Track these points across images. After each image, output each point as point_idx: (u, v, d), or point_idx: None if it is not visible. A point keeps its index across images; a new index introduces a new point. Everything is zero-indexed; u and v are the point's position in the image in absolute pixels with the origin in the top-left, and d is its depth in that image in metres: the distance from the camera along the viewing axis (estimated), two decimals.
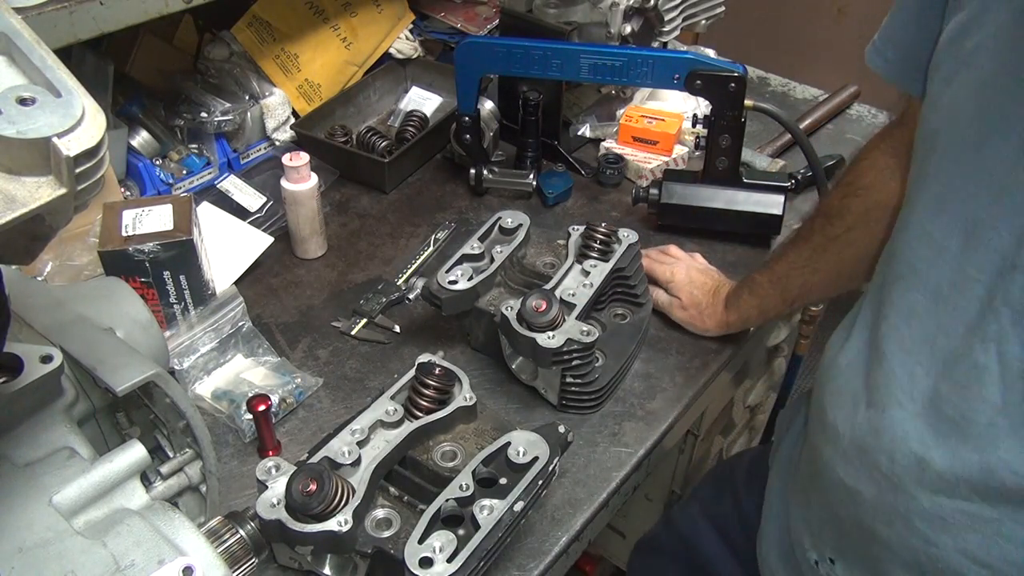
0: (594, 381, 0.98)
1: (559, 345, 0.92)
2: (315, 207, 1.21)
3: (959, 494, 0.62)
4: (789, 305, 1.04)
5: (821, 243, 0.97)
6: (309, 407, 1.02)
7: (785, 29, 2.88)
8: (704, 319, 1.09)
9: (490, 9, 1.68)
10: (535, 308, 0.94)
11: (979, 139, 0.62)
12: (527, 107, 1.35)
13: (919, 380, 0.65)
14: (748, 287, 1.06)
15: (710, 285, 1.10)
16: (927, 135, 0.70)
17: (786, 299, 1.03)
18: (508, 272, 1.06)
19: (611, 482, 0.94)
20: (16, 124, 0.42)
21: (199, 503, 0.76)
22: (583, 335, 0.93)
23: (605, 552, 1.86)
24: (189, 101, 1.33)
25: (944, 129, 0.67)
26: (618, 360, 1.02)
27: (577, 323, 0.95)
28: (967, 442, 0.61)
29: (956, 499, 0.63)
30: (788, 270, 1.01)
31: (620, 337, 1.05)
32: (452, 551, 0.71)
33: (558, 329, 0.94)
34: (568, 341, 0.92)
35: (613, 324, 1.07)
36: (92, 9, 0.97)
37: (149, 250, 0.98)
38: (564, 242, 1.09)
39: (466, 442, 0.85)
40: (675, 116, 1.46)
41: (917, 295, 0.67)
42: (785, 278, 1.01)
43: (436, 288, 1.00)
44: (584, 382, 0.97)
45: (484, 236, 1.08)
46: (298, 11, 1.47)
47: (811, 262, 0.98)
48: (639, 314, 1.08)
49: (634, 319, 1.08)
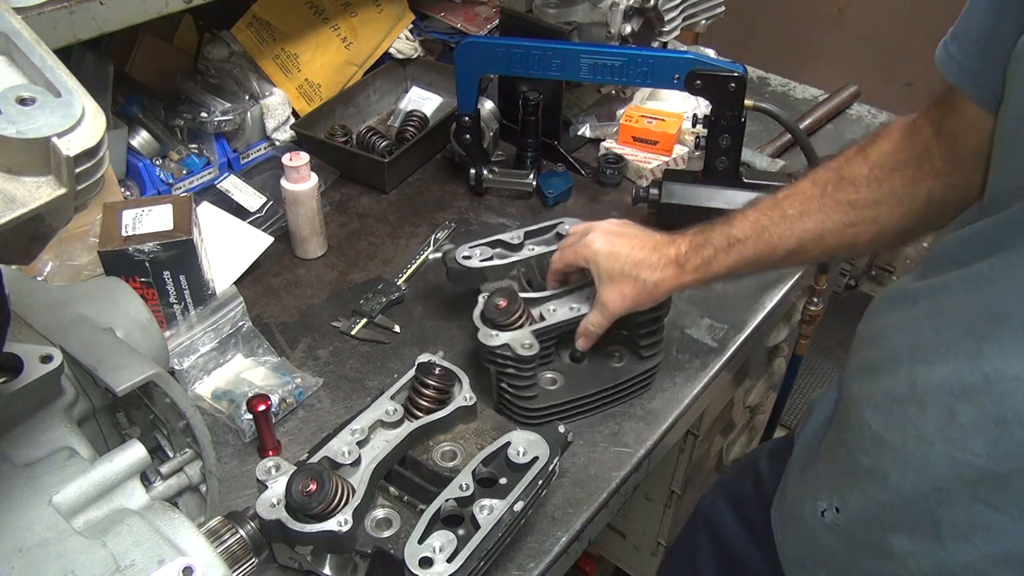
0: (532, 398, 0.96)
1: (494, 345, 0.92)
2: (315, 207, 1.21)
3: (972, 448, 0.63)
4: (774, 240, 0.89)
5: (831, 204, 0.86)
6: (309, 407, 1.02)
7: (785, 29, 2.88)
8: (652, 274, 0.91)
9: (490, 9, 1.68)
10: (496, 304, 0.94)
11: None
12: (527, 107, 1.35)
13: (963, 338, 0.66)
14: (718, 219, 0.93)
15: (638, 238, 0.94)
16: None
17: (772, 257, 0.89)
18: (529, 269, 1.06)
19: (611, 482, 0.94)
20: (16, 124, 0.42)
21: (199, 503, 0.76)
22: (522, 347, 0.92)
23: (605, 552, 1.86)
24: (189, 101, 1.33)
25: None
26: (571, 393, 0.98)
27: (527, 334, 0.93)
28: (990, 396, 0.62)
29: (967, 453, 0.64)
30: (770, 204, 0.90)
31: (588, 377, 1.00)
32: (452, 551, 0.71)
33: (507, 332, 0.93)
34: (504, 346, 0.92)
35: (598, 360, 1.02)
36: (92, 9, 0.97)
37: (149, 250, 0.98)
38: None
39: (466, 442, 0.85)
40: (675, 116, 1.46)
41: (982, 265, 0.66)
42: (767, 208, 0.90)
43: (450, 259, 1.04)
44: (515, 392, 0.95)
45: (533, 233, 1.08)
46: (298, 11, 1.47)
47: (807, 210, 0.87)
48: (631, 365, 1.01)
49: (620, 367, 1.01)
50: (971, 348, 0.65)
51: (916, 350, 0.71)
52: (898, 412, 0.71)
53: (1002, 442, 0.61)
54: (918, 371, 0.70)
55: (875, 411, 0.74)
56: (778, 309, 1.23)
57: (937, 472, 0.66)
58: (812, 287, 1.45)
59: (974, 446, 0.63)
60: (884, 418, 0.73)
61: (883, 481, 0.72)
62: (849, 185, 0.87)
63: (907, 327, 0.74)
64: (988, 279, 0.65)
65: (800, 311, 1.52)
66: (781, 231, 0.89)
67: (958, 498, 0.65)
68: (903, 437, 0.70)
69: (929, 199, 0.83)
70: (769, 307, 1.20)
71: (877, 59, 2.70)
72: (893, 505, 0.71)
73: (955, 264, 0.70)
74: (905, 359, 0.72)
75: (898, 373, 0.72)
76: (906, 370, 0.71)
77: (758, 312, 1.19)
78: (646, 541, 1.71)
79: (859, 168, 0.87)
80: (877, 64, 2.69)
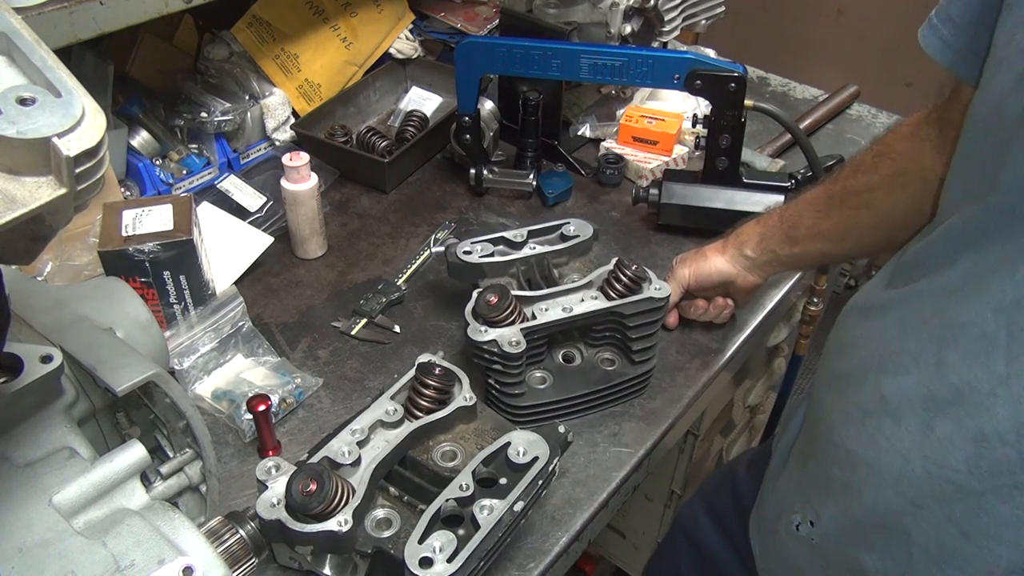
0: (519, 395, 0.96)
1: (482, 341, 0.92)
2: (315, 207, 1.21)
3: (951, 464, 0.62)
4: (792, 245, 1.01)
5: (839, 192, 0.95)
6: (309, 407, 1.02)
7: (785, 29, 2.88)
8: (703, 252, 1.09)
9: (490, 9, 1.68)
10: (487, 300, 0.94)
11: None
12: (527, 107, 1.35)
13: (926, 348, 0.65)
14: (755, 218, 1.06)
15: (699, 249, 1.11)
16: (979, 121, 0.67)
17: (791, 237, 1.00)
18: (529, 268, 1.06)
19: (611, 482, 0.94)
20: (16, 124, 0.42)
21: (199, 503, 0.76)
22: (510, 344, 0.92)
23: (605, 552, 1.86)
24: (189, 101, 1.33)
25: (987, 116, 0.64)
26: (559, 393, 0.98)
27: (516, 331, 0.93)
28: (966, 409, 0.61)
29: (945, 469, 0.63)
30: (801, 208, 1.00)
31: (579, 378, 1.00)
32: (452, 551, 0.71)
33: (496, 328, 0.93)
34: (492, 342, 0.92)
35: (589, 363, 1.02)
36: (92, 9, 0.97)
37: (149, 250, 0.98)
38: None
39: (466, 442, 0.85)
40: (675, 116, 1.46)
41: (950, 272, 0.66)
42: (796, 215, 1.00)
43: (451, 253, 1.05)
44: (501, 389, 0.95)
45: (537, 232, 1.09)
46: (298, 11, 1.47)
47: (825, 207, 0.97)
48: (623, 369, 1.01)
49: (612, 370, 1.01)
50: (932, 358, 0.64)
51: (882, 360, 0.70)
52: (871, 425, 0.69)
53: (982, 458, 0.60)
54: (883, 381, 0.69)
55: (845, 424, 0.73)
56: (778, 309, 1.24)
57: (914, 488, 0.65)
58: (812, 287, 1.45)
59: (953, 462, 0.62)
60: (855, 431, 0.71)
61: (856, 496, 0.71)
62: (853, 171, 0.93)
63: (875, 337, 0.73)
64: (956, 287, 0.64)
65: (800, 311, 1.52)
66: (809, 223, 0.98)
67: (932, 516, 0.64)
68: (876, 451, 0.68)
69: (921, 191, 0.84)
70: (769, 307, 1.20)
71: (877, 59, 2.70)
72: (866, 522, 0.70)
73: (923, 269, 0.70)
74: (872, 369, 0.71)
75: (865, 384, 0.71)
76: (872, 381, 0.70)
77: (758, 312, 1.19)
78: (646, 541, 1.71)
79: (864, 156, 0.93)
80: (877, 64, 2.69)
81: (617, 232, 1.33)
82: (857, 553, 0.72)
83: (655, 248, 1.30)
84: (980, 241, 0.62)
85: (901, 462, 0.66)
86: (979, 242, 0.63)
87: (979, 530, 0.61)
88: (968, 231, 0.64)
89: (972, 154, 0.68)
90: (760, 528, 0.92)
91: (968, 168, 0.69)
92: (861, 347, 0.75)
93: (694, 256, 1.09)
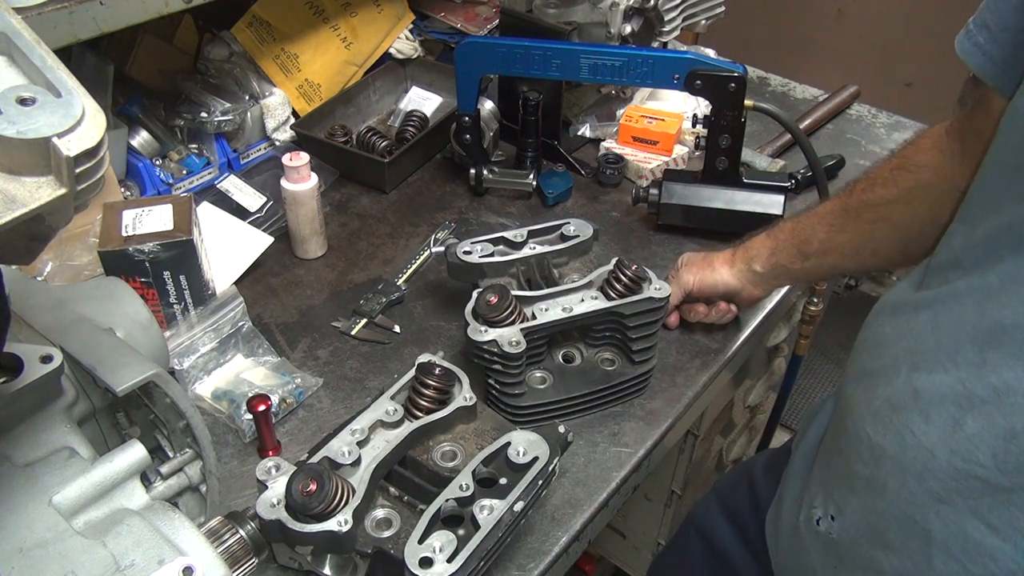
0: (519, 395, 0.96)
1: (481, 341, 0.92)
2: (315, 207, 1.21)
3: (978, 459, 0.63)
4: (804, 260, 1.00)
5: (855, 206, 0.94)
6: (309, 407, 1.02)
7: (785, 29, 2.88)
8: (710, 261, 1.08)
9: (490, 9, 1.68)
10: (487, 300, 0.94)
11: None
12: (527, 107, 1.35)
13: (966, 347, 0.65)
14: (766, 231, 1.04)
15: (707, 256, 1.11)
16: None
17: (803, 252, 0.99)
18: (529, 268, 1.06)
19: (611, 482, 0.94)
20: (16, 124, 0.42)
21: (199, 503, 0.76)
22: (510, 344, 0.92)
23: (605, 552, 1.86)
24: (189, 101, 1.33)
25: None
26: (559, 393, 0.98)
27: (516, 331, 0.93)
28: (1000, 408, 0.62)
29: (972, 464, 0.63)
30: (814, 222, 0.98)
31: (579, 378, 1.00)
32: (452, 551, 0.71)
33: (496, 328, 0.93)
34: (492, 342, 0.92)
35: (589, 363, 1.02)
36: (92, 9, 0.97)
37: (149, 250, 0.98)
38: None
39: (466, 442, 0.85)
40: (675, 116, 1.46)
41: (989, 275, 0.65)
42: (808, 229, 0.99)
43: (451, 252, 1.05)
44: (501, 389, 0.95)
45: (537, 232, 1.09)
46: (298, 11, 1.47)
47: (839, 220, 0.95)
48: (623, 369, 1.01)
49: (612, 371, 1.01)
50: (974, 358, 0.64)
51: (915, 357, 0.70)
52: (897, 420, 0.70)
53: (1011, 454, 0.60)
54: (917, 378, 0.69)
55: (873, 419, 0.73)
56: (778, 309, 1.23)
57: (939, 482, 0.65)
58: (812, 287, 1.45)
59: (980, 457, 0.62)
60: (882, 426, 0.72)
61: (880, 490, 0.71)
62: (870, 184, 0.93)
63: (907, 335, 0.73)
64: (997, 289, 0.64)
65: (800, 311, 1.52)
66: (821, 237, 0.98)
67: (956, 512, 0.64)
68: (902, 445, 0.69)
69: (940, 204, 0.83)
70: (769, 307, 1.20)
71: (877, 59, 2.71)
72: (888, 517, 0.70)
73: (960, 271, 0.69)
74: (904, 366, 0.71)
75: (896, 380, 0.71)
76: (905, 377, 0.70)
77: (758, 312, 1.19)
78: (646, 541, 1.71)
79: (882, 169, 0.93)
80: (877, 64, 2.69)
81: (617, 232, 1.33)
82: (874, 552, 0.72)
83: (655, 248, 1.30)
84: (1022, 245, 0.63)
85: (927, 456, 0.66)
86: (1021, 246, 0.63)
87: (1007, 523, 0.61)
88: (1010, 235, 0.65)
89: (1006, 161, 0.67)
90: (777, 527, 0.92)
91: (1000, 174, 0.68)
92: (892, 344, 0.75)
93: (701, 263, 1.09)
